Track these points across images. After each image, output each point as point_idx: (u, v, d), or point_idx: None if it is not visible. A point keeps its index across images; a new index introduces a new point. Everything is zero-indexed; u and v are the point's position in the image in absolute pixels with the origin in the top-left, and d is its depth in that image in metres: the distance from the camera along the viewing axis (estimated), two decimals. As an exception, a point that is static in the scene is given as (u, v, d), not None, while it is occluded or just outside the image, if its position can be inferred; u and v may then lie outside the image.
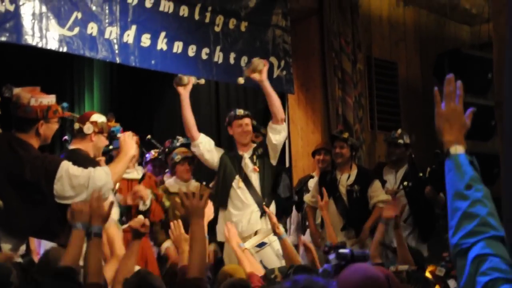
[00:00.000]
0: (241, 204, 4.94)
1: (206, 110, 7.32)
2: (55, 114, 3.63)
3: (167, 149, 5.67)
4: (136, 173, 5.29)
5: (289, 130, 6.95)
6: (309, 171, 6.46)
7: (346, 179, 5.58)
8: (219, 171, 4.99)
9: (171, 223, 3.58)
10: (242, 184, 4.95)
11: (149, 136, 6.03)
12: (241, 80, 5.19)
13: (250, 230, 4.87)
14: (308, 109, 6.93)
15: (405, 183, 5.85)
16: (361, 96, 6.94)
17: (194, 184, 5.31)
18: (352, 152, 5.68)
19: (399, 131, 6.11)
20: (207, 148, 5.03)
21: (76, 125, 4.00)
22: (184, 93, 4.96)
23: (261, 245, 4.69)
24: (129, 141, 3.82)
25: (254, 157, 5.02)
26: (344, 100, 6.75)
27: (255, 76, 5.01)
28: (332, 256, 1.72)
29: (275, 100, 5.05)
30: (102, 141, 4.04)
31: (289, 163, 6.79)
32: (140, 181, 5.15)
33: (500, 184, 3.62)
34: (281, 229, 4.09)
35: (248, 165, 5.00)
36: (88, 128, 3.95)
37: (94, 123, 3.99)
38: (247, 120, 5.05)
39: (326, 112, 6.80)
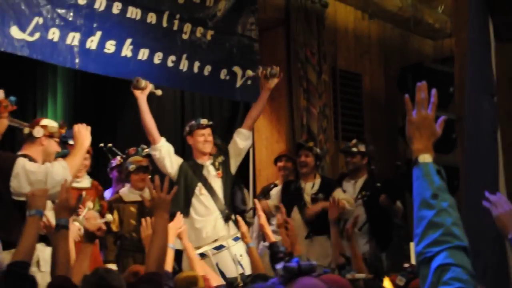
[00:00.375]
0: (204, 210, 4.91)
1: (171, 118, 7.28)
2: (6, 108, 3.63)
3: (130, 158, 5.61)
4: (86, 181, 5.21)
5: (254, 139, 6.95)
6: (273, 180, 6.48)
7: (310, 187, 5.61)
8: (179, 180, 4.93)
9: (143, 220, 3.53)
10: (204, 191, 4.92)
11: (110, 144, 5.96)
12: (249, 73, 5.28)
13: (215, 235, 4.84)
14: (273, 119, 6.96)
15: (363, 192, 5.90)
16: (326, 106, 7.00)
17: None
18: (317, 162, 5.72)
19: (354, 141, 6.17)
20: (168, 153, 4.99)
21: (26, 130, 3.94)
22: (142, 96, 4.92)
23: (219, 247, 4.68)
24: (83, 132, 3.80)
25: (216, 163, 5.01)
26: (309, 110, 6.80)
27: (268, 84, 5.03)
28: (279, 266, 1.70)
29: (260, 110, 5.11)
30: (53, 146, 3.96)
31: (253, 172, 6.80)
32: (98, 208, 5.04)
33: (460, 196, 3.70)
34: (249, 238, 4.11)
35: (211, 172, 4.98)
36: (37, 132, 3.90)
37: (44, 127, 3.95)
38: (209, 130, 5.03)
39: (290, 122, 6.84)
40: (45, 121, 4.05)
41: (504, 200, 2.40)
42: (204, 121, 5.03)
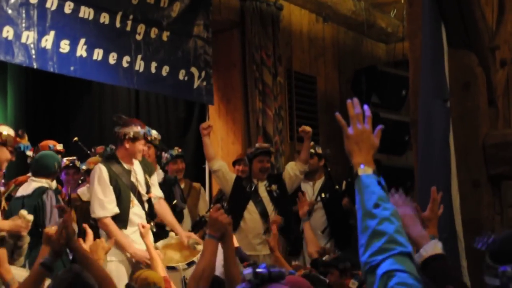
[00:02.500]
0: (139, 220, 4.81)
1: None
2: None
3: (98, 155, 5.53)
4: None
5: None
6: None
7: (263, 184, 5.67)
8: (112, 186, 4.68)
9: (85, 226, 3.45)
10: (136, 202, 4.75)
11: (76, 138, 5.87)
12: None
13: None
14: (228, 120, 6.95)
15: (323, 194, 5.98)
16: (281, 108, 7.04)
17: None
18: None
19: (312, 143, 6.24)
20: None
21: None
22: None
23: (191, 264, 4.52)
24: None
25: (146, 177, 4.84)
26: (265, 112, 6.83)
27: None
28: (247, 271, 1.70)
29: None
30: (5, 153, 3.91)
31: (208, 172, 6.78)
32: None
33: (414, 197, 3.78)
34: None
35: (139, 178, 4.82)
36: None
37: None
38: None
39: (246, 124, 6.86)
40: (1, 128, 3.97)
41: (403, 200, 2.43)
42: (155, 135, 4.90)
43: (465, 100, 3.76)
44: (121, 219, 4.66)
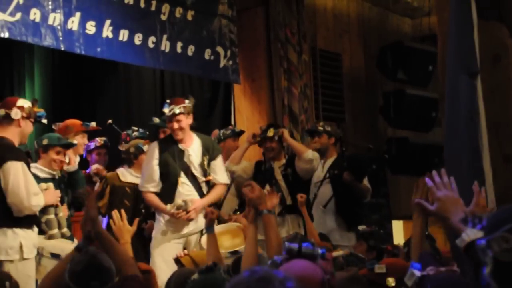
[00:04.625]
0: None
1: (151, 98, 7.23)
2: None
3: (123, 141, 5.50)
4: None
5: (235, 120, 6.96)
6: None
7: (279, 167, 5.63)
8: (160, 168, 4.68)
9: (113, 213, 3.45)
10: (185, 180, 4.71)
11: (110, 121, 5.90)
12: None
13: (198, 227, 4.76)
14: (253, 99, 6.95)
15: (331, 171, 5.86)
16: (307, 86, 7.00)
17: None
18: (282, 143, 5.72)
19: (321, 122, 6.15)
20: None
21: (2, 111, 3.91)
22: None
23: (236, 253, 4.40)
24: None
25: (205, 160, 4.82)
26: (290, 90, 6.80)
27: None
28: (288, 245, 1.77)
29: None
30: (29, 126, 4.00)
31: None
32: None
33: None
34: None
35: (193, 160, 4.82)
36: (15, 114, 3.89)
37: (21, 108, 3.93)
38: (179, 117, 4.68)
39: (271, 102, 6.84)
40: (20, 102, 4.01)
41: (445, 183, 2.43)
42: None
43: (496, 73, 3.71)
44: (166, 196, 4.69)
